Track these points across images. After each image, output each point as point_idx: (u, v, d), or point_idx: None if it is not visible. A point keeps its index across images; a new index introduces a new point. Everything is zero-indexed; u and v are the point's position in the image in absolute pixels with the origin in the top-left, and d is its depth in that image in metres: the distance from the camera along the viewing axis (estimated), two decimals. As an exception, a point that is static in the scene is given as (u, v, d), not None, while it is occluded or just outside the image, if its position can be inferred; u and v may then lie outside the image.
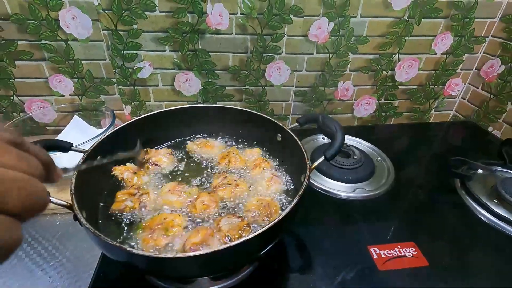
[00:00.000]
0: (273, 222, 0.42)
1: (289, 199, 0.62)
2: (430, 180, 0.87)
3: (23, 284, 0.68)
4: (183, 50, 0.94)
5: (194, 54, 0.95)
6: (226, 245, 0.38)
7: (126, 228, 0.54)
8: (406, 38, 1.00)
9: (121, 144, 0.65)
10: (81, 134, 0.91)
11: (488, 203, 0.73)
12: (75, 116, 0.95)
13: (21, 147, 0.24)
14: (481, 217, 0.73)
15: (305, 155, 0.57)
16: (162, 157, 0.70)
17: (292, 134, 0.63)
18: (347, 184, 0.81)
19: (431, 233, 0.69)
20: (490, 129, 1.11)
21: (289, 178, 0.67)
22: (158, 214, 0.55)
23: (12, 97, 0.96)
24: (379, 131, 1.16)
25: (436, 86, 1.14)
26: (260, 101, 1.08)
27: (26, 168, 0.22)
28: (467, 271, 0.61)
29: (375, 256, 0.62)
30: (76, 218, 0.43)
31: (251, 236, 0.40)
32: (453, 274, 0.60)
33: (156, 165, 0.68)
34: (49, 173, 0.28)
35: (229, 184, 0.61)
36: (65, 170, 0.36)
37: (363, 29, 0.97)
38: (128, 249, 0.38)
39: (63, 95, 0.98)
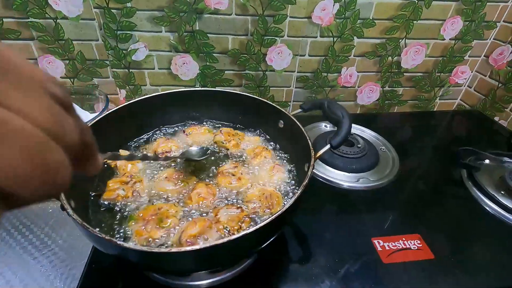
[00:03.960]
0: (275, 215, 0.39)
1: (291, 189, 0.58)
2: (435, 171, 0.84)
3: (14, 273, 0.65)
4: (180, 31, 0.89)
5: (191, 35, 0.90)
6: (225, 239, 0.35)
7: (118, 219, 0.51)
8: (414, 22, 0.95)
9: (113, 130, 0.62)
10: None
11: (496, 195, 0.71)
12: (67, 100, 0.90)
13: (66, 109, 0.18)
14: (488, 209, 0.70)
15: (309, 143, 0.53)
16: (167, 144, 0.66)
17: (296, 121, 0.60)
18: (350, 174, 0.78)
19: (436, 225, 0.67)
20: (496, 118, 1.07)
21: (292, 167, 0.64)
22: (153, 204, 0.52)
23: (0, 79, 0.92)
24: (382, 119, 1.13)
25: (442, 74, 1.10)
26: (260, 86, 1.04)
27: (54, 131, 0.16)
28: (473, 265, 0.59)
29: (379, 249, 0.60)
30: (63, 208, 0.40)
31: (251, 229, 0.37)
32: (459, 268, 0.58)
33: (167, 152, 0.65)
34: (87, 159, 0.21)
35: (233, 175, 0.57)
36: None
37: (370, 12, 0.92)
38: (119, 243, 0.35)
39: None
